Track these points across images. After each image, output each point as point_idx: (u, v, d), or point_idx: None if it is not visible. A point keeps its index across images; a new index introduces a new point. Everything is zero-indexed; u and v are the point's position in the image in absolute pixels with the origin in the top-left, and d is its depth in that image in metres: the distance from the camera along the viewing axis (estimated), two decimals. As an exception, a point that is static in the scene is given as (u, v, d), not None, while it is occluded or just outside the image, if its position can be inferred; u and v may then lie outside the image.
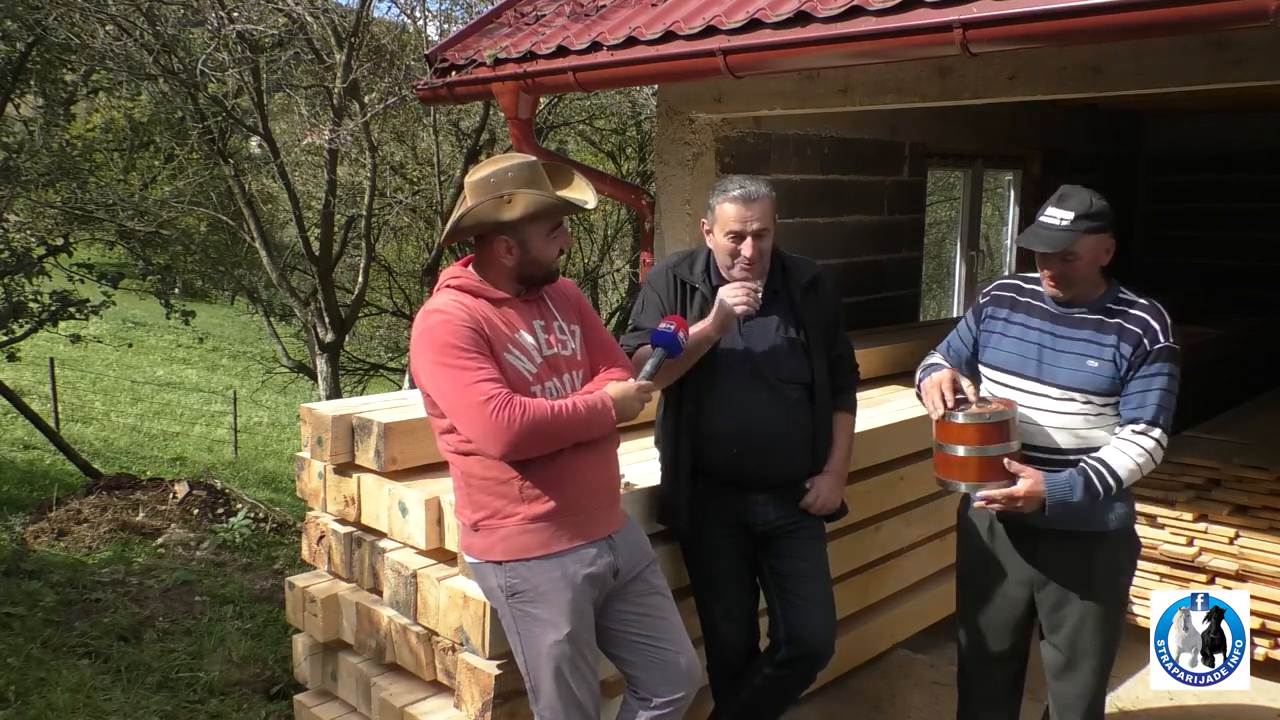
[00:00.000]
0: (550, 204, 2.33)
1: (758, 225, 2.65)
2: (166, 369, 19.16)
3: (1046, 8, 2.71)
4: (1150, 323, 2.45)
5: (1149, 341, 2.43)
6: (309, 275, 10.16)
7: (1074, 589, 2.56)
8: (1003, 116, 5.81)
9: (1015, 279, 2.69)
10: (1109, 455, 2.43)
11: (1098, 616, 2.56)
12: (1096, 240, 2.42)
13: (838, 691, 3.64)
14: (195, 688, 4.01)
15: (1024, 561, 2.61)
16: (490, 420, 2.20)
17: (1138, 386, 2.44)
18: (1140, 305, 2.49)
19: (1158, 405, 2.42)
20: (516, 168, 2.35)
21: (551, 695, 2.38)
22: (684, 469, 2.75)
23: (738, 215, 2.64)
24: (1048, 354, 2.53)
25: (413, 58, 8.54)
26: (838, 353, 2.88)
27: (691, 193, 4.58)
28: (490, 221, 2.32)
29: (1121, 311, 2.48)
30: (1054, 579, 2.58)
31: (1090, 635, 2.57)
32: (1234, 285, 7.20)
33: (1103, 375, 2.45)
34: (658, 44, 3.63)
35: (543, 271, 2.41)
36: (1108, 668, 2.65)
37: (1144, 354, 2.43)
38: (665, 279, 2.80)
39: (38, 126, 9.47)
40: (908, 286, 5.87)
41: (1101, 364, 2.46)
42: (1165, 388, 2.43)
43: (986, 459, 2.42)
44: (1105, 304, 2.51)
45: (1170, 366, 2.43)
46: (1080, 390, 2.47)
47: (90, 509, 6.15)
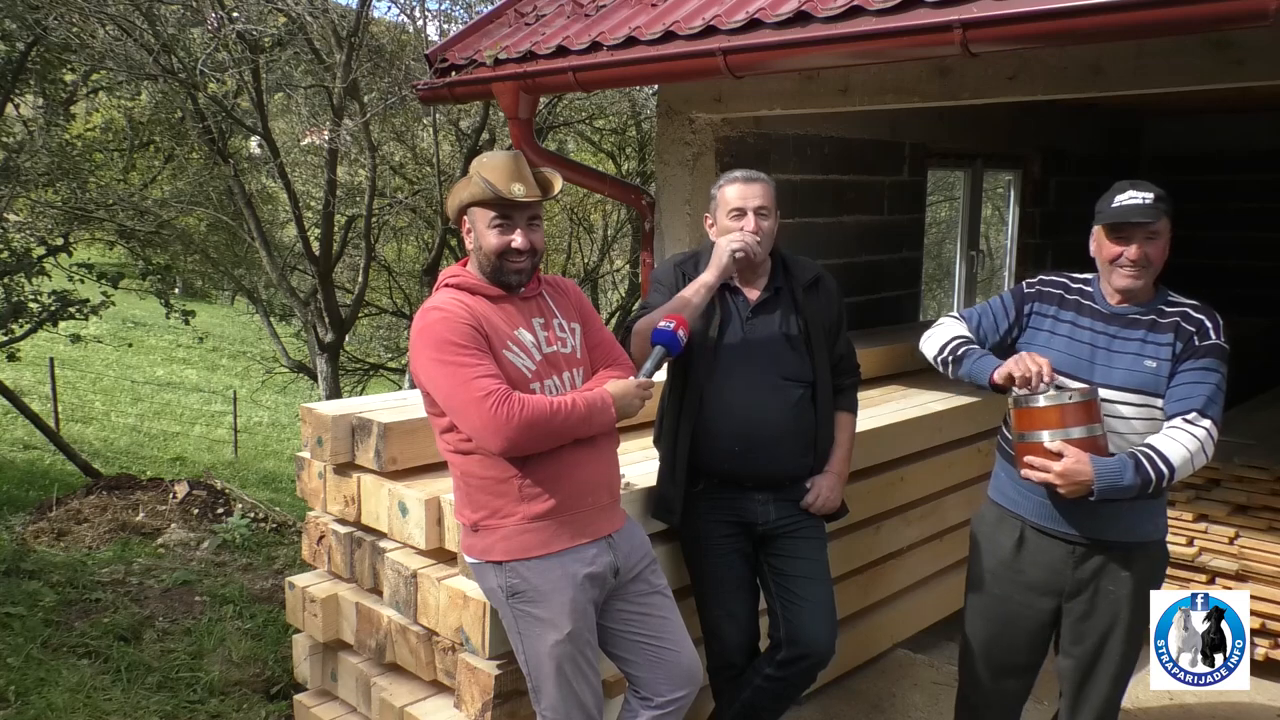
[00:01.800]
0: (483, 190, 2.33)
1: (758, 202, 2.69)
2: (166, 369, 19.17)
3: (1046, 8, 2.70)
4: (1204, 321, 2.43)
5: (1199, 338, 2.40)
6: (309, 275, 10.16)
7: (1106, 600, 2.51)
8: (1003, 116, 5.81)
9: (1062, 276, 2.63)
10: (1159, 442, 2.34)
11: (1125, 628, 2.53)
12: (1168, 226, 2.44)
13: (838, 691, 3.64)
14: (195, 688, 4.01)
15: (1056, 571, 2.55)
16: (489, 415, 2.20)
17: (1186, 379, 2.39)
18: (1192, 305, 2.48)
19: (1207, 397, 2.37)
20: (496, 154, 2.41)
21: (554, 695, 2.38)
22: (681, 463, 2.75)
23: (739, 194, 2.70)
24: (1101, 354, 2.47)
25: (413, 58, 8.55)
26: (840, 352, 2.88)
27: (691, 193, 4.58)
28: (457, 200, 2.40)
29: (1176, 311, 2.46)
30: (1086, 590, 2.53)
31: (1115, 646, 2.54)
32: (1234, 285, 7.19)
33: (1162, 376, 2.41)
34: (657, 44, 3.63)
35: (489, 264, 2.37)
36: (1126, 679, 2.63)
37: (1193, 349, 2.40)
38: (674, 275, 2.80)
39: (38, 126, 9.46)
40: (908, 286, 5.86)
41: (1160, 364, 2.42)
42: (1215, 383, 2.38)
43: (1073, 441, 2.32)
44: (1158, 305, 2.48)
45: (1220, 364, 2.39)
46: (1138, 391, 2.43)
47: (90, 509, 6.14)
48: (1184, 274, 7.48)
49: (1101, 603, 2.53)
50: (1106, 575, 2.52)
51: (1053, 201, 6.86)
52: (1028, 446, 2.39)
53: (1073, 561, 2.53)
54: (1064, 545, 2.53)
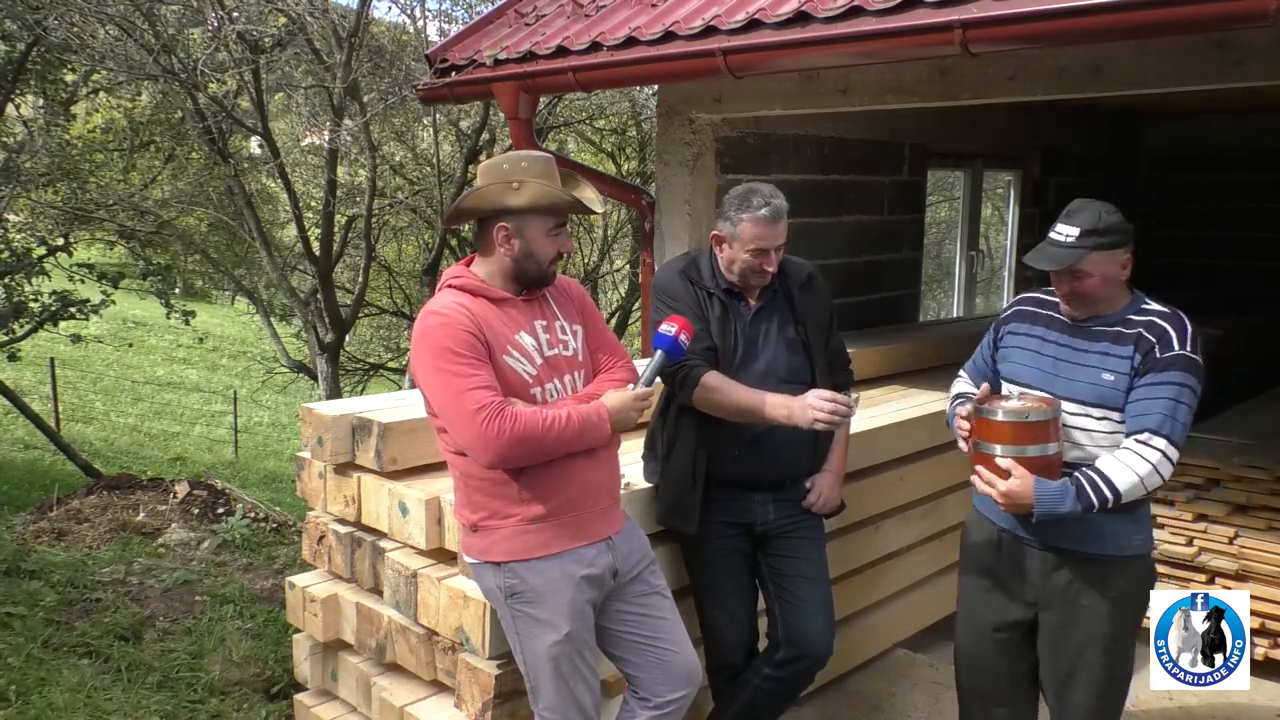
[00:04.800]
0: (557, 197, 2.32)
1: (780, 241, 2.66)
2: (166, 369, 19.17)
3: (1046, 8, 2.70)
4: (1168, 331, 2.32)
5: (1160, 349, 2.30)
6: (309, 275, 10.16)
7: (1083, 614, 2.46)
8: (1002, 117, 5.81)
9: (1035, 293, 2.62)
10: (1106, 464, 2.29)
11: (1102, 643, 2.45)
12: (1107, 256, 2.32)
13: (838, 691, 3.64)
14: (195, 687, 4.01)
15: (1028, 579, 2.52)
16: (479, 430, 2.20)
17: (1143, 394, 2.30)
18: (1160, 314, 2.37)
19: (1163, 414, 2.26)
20: (532, 159, 2.36)
21: (552, 695, 2.38)
22: (700, 471, 2.74)
23: (764, 235, 2.62)
24: (1064, 367, 2.43)
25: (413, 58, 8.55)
26: (834, 349, 2.89)
27: (691, 193, 4.58)
28: (494, 205, 2.31)
29: (1142, 321, 2.36)
30: (1060, 601, 2.48)
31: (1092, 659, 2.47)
32: (1234, 285, 7.20)
33: (1119, 389, 2.34)
34: (657, 44, 3.63)
35: (538, 270, 2.38)
36: (1113, 695, 2.52)
37: (1153, 361, 2.30)
38: (687, 287, 2.74)
39: (38, 126, 9.47)
40: (907, 286, 5.87)
41: (1118, 377, 2.34)
42: (1174, 397, 2.27)
43: (1025, 459, 2.30)
44: (1126, 314, 2.39)
45: (1183, 376, 2.28)
46: (1096, 405, 2.37)
47: (90, 509, 6.14)
48: (1184, 274, 7.54)
49: (1079, 615, 2.46)
50: (1080, 587, 2.45)
51: (1052, 201, 6.86)
52: (981, 456, 2.39)
53: (1045, 570, 2.49)
54: (1036, 553, 2.51)
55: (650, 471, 2.91)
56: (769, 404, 2.58)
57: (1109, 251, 2.33)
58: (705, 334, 2.67)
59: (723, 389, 2.63)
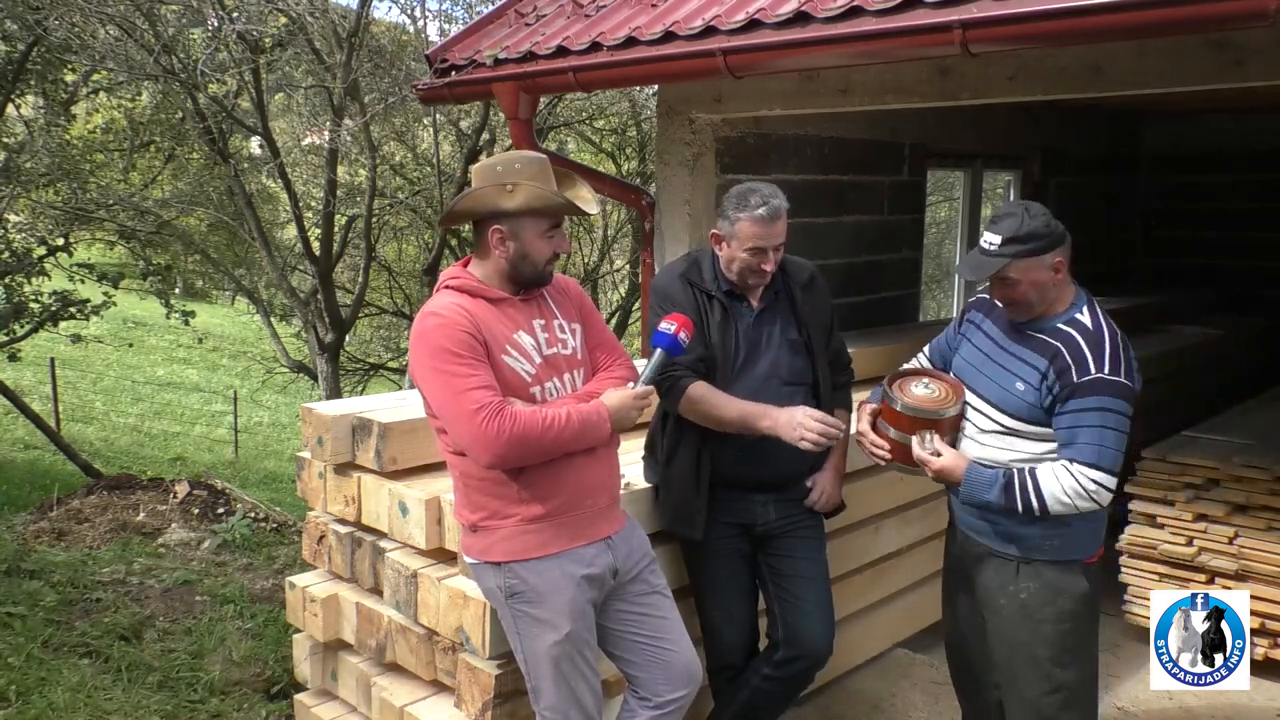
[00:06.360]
0: (551, 199, 2.32)
1: (779, 241, 2.65)
2: (167, 369, 19.18)
3: (1046, 8, 2.70)
4: (1083, 350, 2.23)
5: (1077, 372, 2.21)
6: (309, 275, 10.15)
7: (995, 616, 2.46)
8: (1002, 117, 5.81)
9: None
10: (1042, 472, 2.26)
11: (1026, 651, 2.40)
12: (1032, 262, 2.26)
13: (837, 691, 3.64)
14: (195, 687, 4.01)
15: (974, 580, 2.56)
16: (479, 430, 2.20)
17: (1066, 421, 2.23)
18: (1085, 330, 2.28)
19: (1090, 444, 2.19)
20: (526, 160, 2.36)
21: (553, 695, 2.38)
22: (705, 476, 2.74)
23: (762, 234, 2.61)
24: (989, 365, 2.43)
25: (413, 58, 8.55)
26: (834, 349, 2.89)
27: (691, 193, 4.58)
28: (488, 208, 2.31)
29: (1064, 336, 2.29)
30: (990, 603, 2.48)
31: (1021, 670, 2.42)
32: (1234, 285, 7.20)
33: (1025, 400, 2.30)
34: (657, 44, 3.63)
35: (534, 271, 2.38)
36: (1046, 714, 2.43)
37: (1070, 385, 2.22)
38: (686, 290, 2.73)
39: (38, 127, 9.47)
40: (907, 286, 5.86)
41: (1027, 388, 2.30)
42: (1099, 424, 2.19)
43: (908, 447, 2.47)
44: (1055, 323, 2.32)
45: (1105, 400, 2.19)
46: (1000, 410, 2.36)
47: (91, 509, 6.14)
48: (1184, 274, 7.53)
49: (997, 616, 2.47)
50: (998, 586, 2.45)
51: (1052, 201, 6.86)
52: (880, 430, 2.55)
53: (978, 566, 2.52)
54: (972, 549, 2.54)
55: (651, 473, 2.91)
56: (754, 416, 2.59)
57: (1034, 258, 2.27)
58: (699, 343, 2.65)
59: (707, 399, 2.63)
